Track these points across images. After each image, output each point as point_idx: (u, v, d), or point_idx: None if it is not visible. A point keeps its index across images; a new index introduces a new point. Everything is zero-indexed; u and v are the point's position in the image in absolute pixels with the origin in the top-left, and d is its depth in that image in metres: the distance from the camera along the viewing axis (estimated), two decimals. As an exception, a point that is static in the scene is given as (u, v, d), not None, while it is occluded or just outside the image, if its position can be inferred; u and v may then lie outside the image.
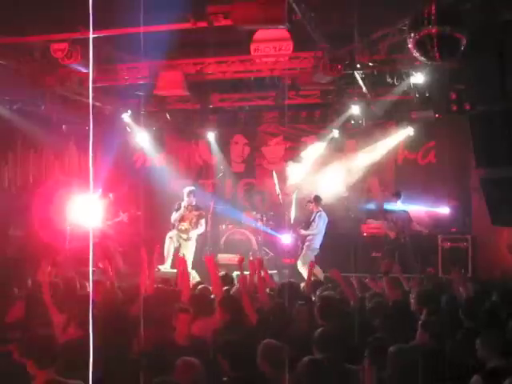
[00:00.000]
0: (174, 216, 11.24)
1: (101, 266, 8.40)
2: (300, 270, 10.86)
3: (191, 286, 7.04)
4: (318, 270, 10.92)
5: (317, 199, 11.42)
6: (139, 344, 5.04)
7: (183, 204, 11.17)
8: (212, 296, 6.58)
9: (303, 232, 11.30)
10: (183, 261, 7.84)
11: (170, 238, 11.12)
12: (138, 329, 4.98)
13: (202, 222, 11.27)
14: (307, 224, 11.38)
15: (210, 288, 6.90)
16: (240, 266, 6.96)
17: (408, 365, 4.04)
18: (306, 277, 10.36)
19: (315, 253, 11.18)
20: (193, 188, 11.41)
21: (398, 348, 4.18)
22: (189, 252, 11.07)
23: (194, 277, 10.41)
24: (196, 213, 11.22)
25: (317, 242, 11.20)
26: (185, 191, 11.25)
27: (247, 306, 5.70)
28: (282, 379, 4.02)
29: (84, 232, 12.22)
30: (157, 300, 6.05)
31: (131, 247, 12.09)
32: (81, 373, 4.37)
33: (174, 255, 10.85)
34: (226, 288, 6.84)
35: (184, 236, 11.17)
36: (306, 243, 11.20)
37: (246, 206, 12.97)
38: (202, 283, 7.67)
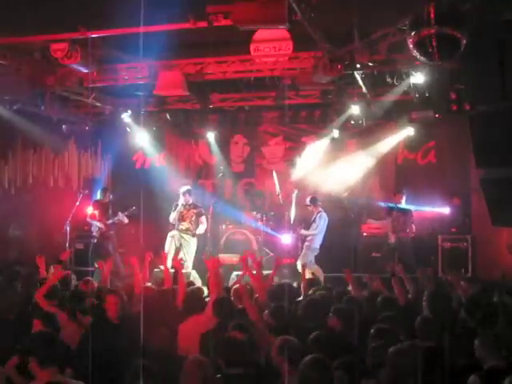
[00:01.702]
0: (173, 215, 11.27)
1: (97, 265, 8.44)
2: (300, 270, 10.85)
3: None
4: (318, 270, 10.94)
5: (313, 201, 11.42)
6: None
7: (180, 203, 11.21)
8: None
9: (304, 232, 11.30)
10: (177, 263, 7.86)
11: (172, 237, 11.13)
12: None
13: (203, 219, 11.29)
14: (308, 224, 11.38)
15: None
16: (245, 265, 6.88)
17: (407, 365, 4.04)
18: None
19: (315, 253, 11.18)
20: (188, 187, 11.41)
21: (397, 348, 4.17)
22: (190, 252, 11.10)
23: (195, 277, 10.43)
24: (195, 211, 11.25)
25: (317, 242, 11.20)
26: (180, 191, 11.28)
27: (252, 313, 5.63)
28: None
29: (84, 232, 12.32)
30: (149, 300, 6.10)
31: (131, 248, 12.11)
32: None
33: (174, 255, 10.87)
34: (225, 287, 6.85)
35: (185, 236, 11.18)
36: (306, 243, 11.20)
37: (245, 206, 12.96)
38: (194, 284, 7.76)
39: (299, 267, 10.90)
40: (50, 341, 4.14)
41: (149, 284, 7.45)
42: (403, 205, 11.29)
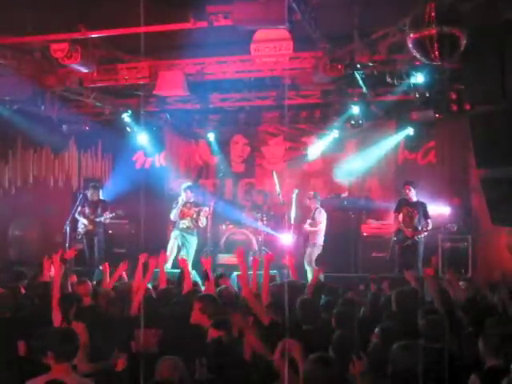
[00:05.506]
0: (173, 212, 11.28)
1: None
2: (306, 269, 10.83)
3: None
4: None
5: (315, 196, 11.42)
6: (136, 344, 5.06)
7: (180, 199, 11.23)
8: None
9: (309, 228, 11.17)
10: (183, 261, 7.81)
11: (175, 238, 11.17)
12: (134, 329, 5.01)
13: (202, 217, 11.30)
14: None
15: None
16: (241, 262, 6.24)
17: (408, 364, 4.04)
18: (310, 275, 10.38)
19: (319, 250, 11.10)
20: (189, 184, 11.44)
21: (398, 347, 4.18)
22: (191, 251, 11.11)
23: (194, 276, 10.43)
24: (196, 209, 11.25)
25: (320, 239, 11.12)
26: (182, 188, 11.33)
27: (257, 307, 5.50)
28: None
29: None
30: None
31: (131, 248, 12.12)
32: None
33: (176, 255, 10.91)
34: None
35: (186, 235, 11.20)
36: (311, 242, 11.11)
37: (246, 206, 12.97)
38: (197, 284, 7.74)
39: (306, 267, 10.86)
40: (67, 337, 4.25)
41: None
42: (414, 198, 10.91)
